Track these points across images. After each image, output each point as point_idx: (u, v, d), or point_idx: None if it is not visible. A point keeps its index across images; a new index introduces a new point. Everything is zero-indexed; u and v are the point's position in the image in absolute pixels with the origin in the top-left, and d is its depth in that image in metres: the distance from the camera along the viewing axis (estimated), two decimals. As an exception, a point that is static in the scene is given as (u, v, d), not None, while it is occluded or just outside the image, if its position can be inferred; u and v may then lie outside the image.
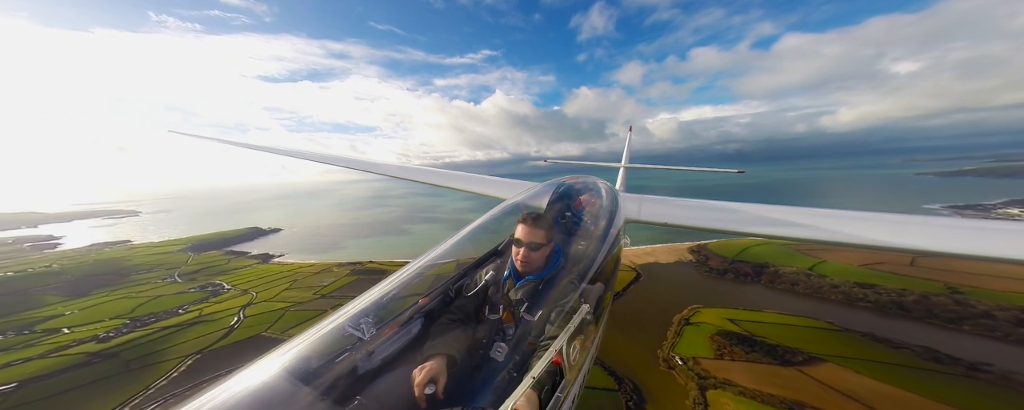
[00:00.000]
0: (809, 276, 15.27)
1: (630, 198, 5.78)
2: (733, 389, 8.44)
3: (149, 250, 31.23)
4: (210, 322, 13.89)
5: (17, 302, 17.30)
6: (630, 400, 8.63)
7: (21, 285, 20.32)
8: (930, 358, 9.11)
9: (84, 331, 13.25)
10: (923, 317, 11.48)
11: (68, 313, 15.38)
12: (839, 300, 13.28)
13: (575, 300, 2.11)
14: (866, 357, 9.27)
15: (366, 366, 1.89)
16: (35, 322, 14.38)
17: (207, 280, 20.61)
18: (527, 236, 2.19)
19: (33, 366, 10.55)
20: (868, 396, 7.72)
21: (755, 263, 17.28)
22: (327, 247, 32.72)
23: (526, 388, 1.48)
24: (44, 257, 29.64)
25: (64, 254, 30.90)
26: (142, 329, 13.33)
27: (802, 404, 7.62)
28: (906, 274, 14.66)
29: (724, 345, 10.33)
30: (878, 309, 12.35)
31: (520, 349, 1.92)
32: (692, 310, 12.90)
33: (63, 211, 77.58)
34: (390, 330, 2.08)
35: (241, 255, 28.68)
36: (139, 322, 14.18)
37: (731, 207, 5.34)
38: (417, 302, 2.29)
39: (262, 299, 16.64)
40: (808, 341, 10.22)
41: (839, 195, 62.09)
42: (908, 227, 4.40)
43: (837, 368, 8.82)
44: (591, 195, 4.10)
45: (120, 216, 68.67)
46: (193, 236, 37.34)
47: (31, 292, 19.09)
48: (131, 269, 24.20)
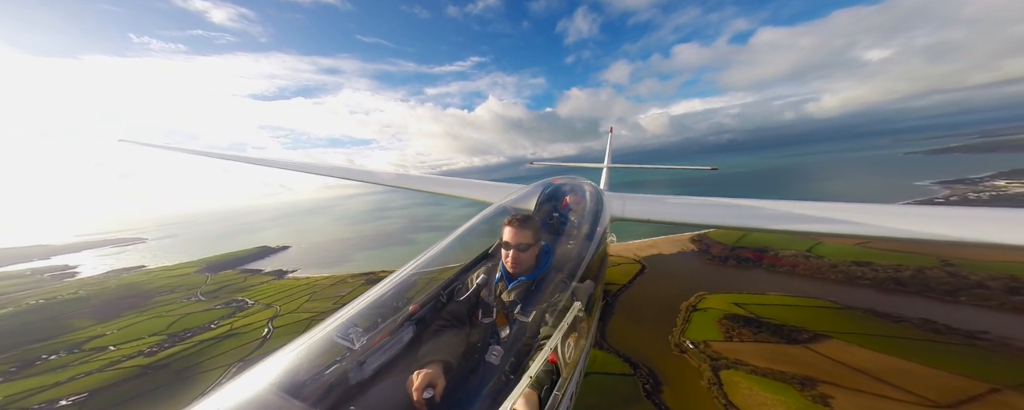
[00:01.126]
0: (808, 258, 15.87)
1: (614, 197, 5.89)
2: (745, 368, 9.00)
3: (165, 273, 31.96)
4: (242, 334, 14.58)
5: (54, 326, 18.04)
6: (647, 383, 9.12)
7: (53, 312, 21.06)
8: (929, 329, 9.66)
9: (129, 348, 13.96)
10: (920, 291, 12.08)
11: (108, 333, 16.09)
12: (838, 279, 13.88)
13: (567, 299, 2.12)
14: (869, 332, 9.83)
15: (357, 376, 1.85)
16: (81, 342, 15.11)
17: (229, 297, 21.31)
18: (515, 237, 2.19)
19: (94, 379, 11.31)
20: (874, 368, 8.26)
21: (755, 248, 17.88)
22: (337, 260, 33.38)
23: (524, 388, 1.47)
24: (66, 285, 30.42)
25: (84, 282, 31.65)
26: (181, 343, 14.02)
27: (813, 379, 8.17)
28: (899, 250, 15.24)
29: (732, 327, 10.91)
30: (876, 285, 12.94)
31: (515, 350, 1.92)
32: (698, 297, 13.50)
33: (70, 242, 78.34)
34: (381, 338, 2.04)
35: (255, 272, 29.39)
36: (177, 337, 14.88)
37: (711, 202, 5.57)
38: (408, 309, 2.27)
39: (286, 311, 17.33)
40: (812, 320, 10.80)
41: (833, 178, 62.80)
42: (885, 217, 4.58)
43: (842, 344, 9.39)
44: (577, 195, 4.15)
45: (126, 244, 69.35)
46: (205, 258, 38.09)
47: (63, 318, 19.81)
48: (153, 292, 24.92)
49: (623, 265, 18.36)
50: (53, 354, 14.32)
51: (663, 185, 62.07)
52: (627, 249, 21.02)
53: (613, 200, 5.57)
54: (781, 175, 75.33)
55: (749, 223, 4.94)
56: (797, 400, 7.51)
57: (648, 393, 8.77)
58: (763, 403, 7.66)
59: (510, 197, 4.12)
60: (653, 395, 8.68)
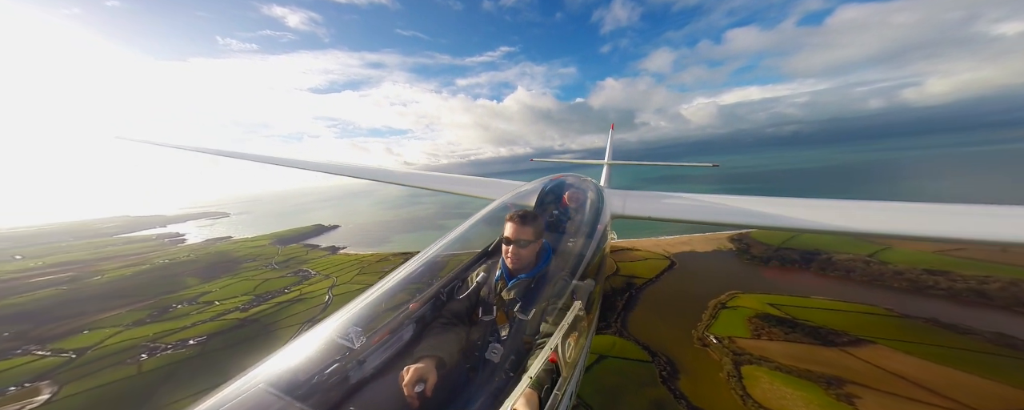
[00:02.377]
0: (868, 263, 14.25)
1: (615, 194, 5.84)
2: (769, 365, 8.84)
3: (247, 244, 38.23)
4: (309, 299, 17.49)
5: (175, 282, 23.12)
6: (664, 370, 9.39)
7: (174, 271, 26.80)
8: (1002, 343, 8.52)
9: (228, 304, 17.62)
10: (1009, 305, 10.39)
11: (212, 291, 20.31)
12: (903, 288, 12.38)
13: (567, 297, 2.13)
14: (923, 341, 8.93)
15: (357, 375, 1.85)
16: (196, 296, 19.35)
17: (296, 267, 25.21)
18: (516, 234, 2.18)
19: (207, 326, 14.73)
20: (916, 375, 7.66)
21: (804, 250, 16.41)
22: (378, 241, 37.11)
23: (525, 388, 1.47)
24: (180, 249, 38.12)
25: (192, 247, 39.30)
26: (264, 303, 17.29)
27: (842, 379, 7.87)
28: (993, 260, 13.00)
29: (762, 326, 10.57)
30: (951, 297, 11.35)
31: (515, 349, 1.93)
32: (730, 295, 13.05)
33: (177, 214, 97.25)
34: (381, 337, 2.03)
35: (314, 247, 33.92)
36: (260, 298, 18.32)
37: (715, 200, 5.37)
38: (407, 308, 2.25)
39: (342, 282, 20.19)
40: (857, 325, 10.03)
41: (934, 176, 52.18)
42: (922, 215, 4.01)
43: (887, 350, 8.72)
44: (578, 192, 4.12)
45: (216, 217, 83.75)
46: (274, 232, 44.58)
47: (179, 276, 25.16)
48: (240, 259, 30.20)
49: (651, 260, 18.12)
50: (178, 304, 18.52)
51: (711, 181, 57.01)
52: (657, 245, 20.55)
53: (614, 197, 5.54)
54: (860, 173, 63.77)
55: (754, 221, 4.77)
56: (820, 397, 7.37)
57: (664, 379, 9.06)
58: (782, 397, 7.63)
59: (511, 194, 4.08)
60: (669, 381, 8.97)
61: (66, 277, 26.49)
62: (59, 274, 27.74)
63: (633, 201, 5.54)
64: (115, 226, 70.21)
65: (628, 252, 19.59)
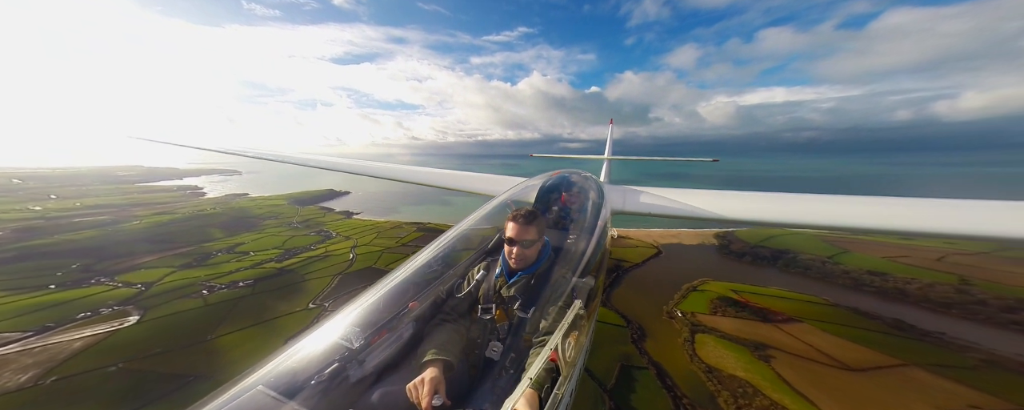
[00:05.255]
0: (825, 263, 16.48)
1: (615, 189, 5.87)
2: (717, 334, 11.29)
3: (264, 202, 40.42)
4: (334, 256, 19.85)
5: (205, 233, 25.46)
6: (634, 334, 11.71)
7: (202, 222, 29.12)
8: (895, 326, 11.03)
9: (262, 255, 19.98)
10: (917, 301, 12.83)
11: (245, 242, 22.68)
12: (846, 284, 14.73)
13: (567, 295, 2.11)
14: (839, 322, 11.39)
15: (358, 376, 1.84)
16: (231, 247, 21.72)
17: (317, 227, 27.51)
18: (519, 234, 2.17)
19: (250, 272, 17.10)
20: (823, 345, 10.11)
21: (776, 249, 18.60)
22: (389, 210, 39.23)
23: (525, 388, 1.47)
24: (202, 202, 40.40)
25: (214, 200, 41.62)
26: (294, 258, 19.65)
27: (767, 345, 10.31)
28: (927, 267, 15.24)
29: (720, 306, 12.94)
30: (880, 293, 13.75)
31: (516, 347, 1.93)
32: (701, 281, 15.33)
33: (189, 168, 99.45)
34: (382, 336, 2.03)
35: (329, 211, 36.15)
36: (290, 252, 20.68)
37: (714, 197, 5.52)
38: (407, 306, 2.24)
39: (362, 243, 22.54)
40: (796, 309, 12.41)
41: (951, 195, 52.13)
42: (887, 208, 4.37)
43: (811, 327, 11.13)
44: (578, 188, 4.13)
45: (228, 174, 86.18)
46: (289, 193, 46.64)
47: (207, 228, 27.46)
48: (260, 216, 32.45)
49: (640, 248, 20.34)
50: (217, 252, 20.89)
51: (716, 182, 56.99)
52: (648, 236, 22.70)
53: (614, 193, 5.61)
54: (878, 187, 62.24)
55: (752, 217, 4.90)
56: (747, 357, 9.81)
57: (633, 340, 11.41)
58: (720, 357, 10.07)
59: (511, 190, 4.03)
60: (637, 342, 11.29)
61: (105, 220, 28.90)
62: (98, 216, 30.15)
63: (633, 197, 5.63)
64: (135, 174, 72.90)
65: (621, 240, 21.79)
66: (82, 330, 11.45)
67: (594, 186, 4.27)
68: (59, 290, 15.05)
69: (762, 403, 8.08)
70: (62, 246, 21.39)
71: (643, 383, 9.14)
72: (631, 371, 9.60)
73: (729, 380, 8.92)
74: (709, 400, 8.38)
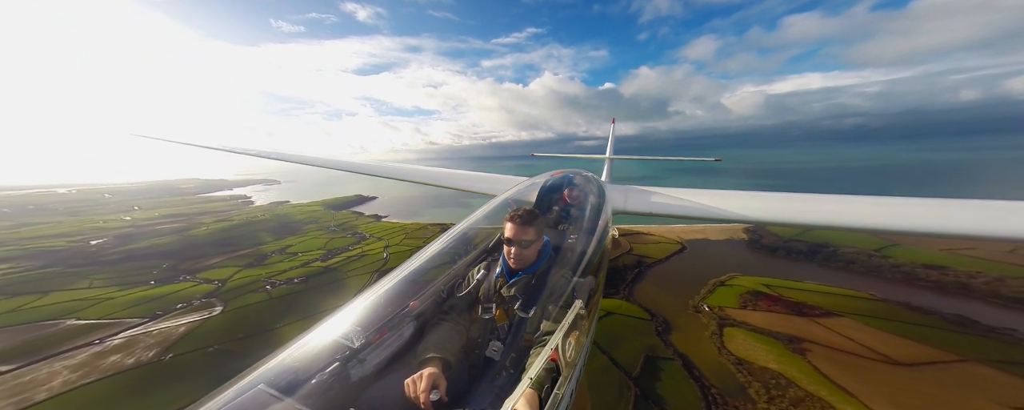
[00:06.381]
0: (871, 256, 15.29)
1: (616, 189, 5.77)
2: (747, 328, 10.97)
3: (304, 208, 44.15)
4: (370, 256, 21.55)
5: (257, 237, 28.51)
6: (659, 327, 11.55)
7: (254, 228, 32.57)
8: (955, 322, 10.03)
9: (309, 256, 22.18)
10: (984, 296, 11.55)
11: (293, 244, 25.21)
12: (895, 279, 13.60)
13: (568, 295, 2.12)
14: (887, 317, 10.59)
15: (358, 374, 1.85)
16: (282, 248, 24.29)
17: (352, 230, 29.78)
18: (517, 234, 2.18)
19: (301, 270, 19.24)
20: (865, 338, 9.52)
21: (814, 243, 17.50)
22: (413, 213, 41.35)
23: (525, 388, 1.47)
24: (252, 209, 45.08)
25: (262, 208, 46.23)
26: (336, 257, 21.60)
27: (801, 339, 9.90)
28: (996, 260, 13.62)
29: (750, 300, 12.50)
30: (937, 287, 12.54)
31: (516, 347, 1.93)
32: (730, 276, 14.83)
33: (235, 179, 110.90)
34: (382, 336, 2.04)
35: (360, 215, 38.82)
36: (331, 252, 22.72)
37: (717, 195, 5.36)
38: (408, 305, 2.26)
39: (393, 243, 24.20)
40: (835, 304, 11.71)
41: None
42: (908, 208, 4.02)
43: (852, 322, 10.50)
44: (579, 188, 4.10)
45: (270, 184, 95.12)
46: (325, 200, 50.53)
47: (258, 232, 30.70)
48: (302, 221, 35.62)
49: (663, 244, 20.01)
50: (272, 253, 23.41)
51: (740, 175, 53.09)
52: (671, 231, 22.22)
53: (615, 192, 5.50)
54: (943, 174, 54.41)
55: (755, 216, 4.80)
56: (779, 349, 9.57)
57: (658, 333, 11.36)
58: (750, 349, 9.90)
59: (511, 190, 4.00)
60: (662, 335, 11.27)
61: (180, 226, 33.33)
62: (174, 224, 34.84)
63: (634, 197, 5.54)
64: (194, 186, 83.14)
65: (642, 236, 21.54)
66: (182, 318, 13.73)
67: (595, 186, 4.27)
68: (157, 286, 17.90)
69: (796, 394, 7.95)
70: (152, 249, 25.13)
71: (668, 373, 9.27)
72: (656, 362, 9.74)
73: (760, 372, 8.82)
74: (739, 390, 8.36)
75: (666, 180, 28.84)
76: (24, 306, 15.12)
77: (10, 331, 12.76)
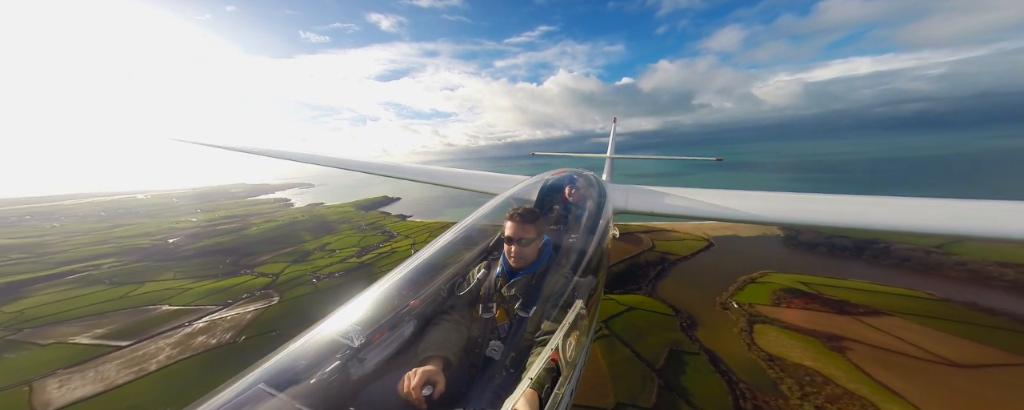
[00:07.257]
0: (930, 253, 13.85)
1: (617, 189, 5.69)
2: (780, 325, 10.43)
3: (337, 209, 47.51)
4: (400, 253, 22.93)
5: (298, 237, 31.18)
6: (684, 323, 11.27)
7: (295, 228, 35.64)
8: None
9: (345, 252, 24.06)
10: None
11: (331, 242, 27.40)
12: (960, 277, 12.25)
13: (569, 294, 2.12)
14: (945, 317, 9.67)
15: (358, 373, 1.85)
16: (322, 246, 26.51)
17: (380, 229, 31.71)
18: (517, 233, 2.19)
19: (340, 266, 21.02)
20: (916, 338, 8.77)
21: (861, 239, 16.10)
22: (435, 213, 43.07)
23: (525, 387, 1.47)
24: (292, 211, 49.32)
25: (301, 210, 50.42)
26: (369, 254, 23.22)
27: (842, 337, 9.33)
28: None
29: (784, 298, 11.86)
30: (1013, 287, 11.13)
31: (516, 346, 1.94)
32: (762, 273, 14.12)
33: (276, 183, 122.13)
34: (382, 335, 2.03)
35: (387, 215, 41.12)
36: (365, 250, 24.43)
37: (721, 194, 5.21)
38: (408, 304, 2.24)
39: (420, 241, 25.54)
40: (884, 303, 10.79)
41: None
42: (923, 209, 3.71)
43: (902, 321, 9.70)
44: (579, 187, 4.09)
45: (305, 187, 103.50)
46: (355, 201, 54.01)
47: (299, 232, 33.56)
48: (335, 221, 38.39)
49: (688, 241, 19.39)
50: (314, 251, 25.62)
51: (772, 169, 49.07)
52: (697, 228, 21.42)
53: (616, 192, 5.46)
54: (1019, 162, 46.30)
55: (759, 216, 4.67)
56: (816, 347, 9.10)
57: (683, 328, 11.14)
58: (783, 346, 9.50)
59: (512, 189, 4.02)
60: (688, 330, 11.05)
61: (236, 226, 37.38)
62: (230, 224, 39.13)
63: (636, 196, 5.43)
64: (242, 190, 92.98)
65: (666, 233, 20.97)
66: (248, 306, 15.59)
67: (596, 185, 4.27)
68: (223, 278, 20.36)
69: (834, 392, 7.61)
70: (216, 247, 28.51)
71: (694, 367, 9.19)
72: (681, 355, 9.66)
73: (793, 368, 8.50)
74: (770, 386, 8.13)
75: (689, 176, 27.71)
76: (128, 294, 17.91)
77: (122, 314, 15.28)
